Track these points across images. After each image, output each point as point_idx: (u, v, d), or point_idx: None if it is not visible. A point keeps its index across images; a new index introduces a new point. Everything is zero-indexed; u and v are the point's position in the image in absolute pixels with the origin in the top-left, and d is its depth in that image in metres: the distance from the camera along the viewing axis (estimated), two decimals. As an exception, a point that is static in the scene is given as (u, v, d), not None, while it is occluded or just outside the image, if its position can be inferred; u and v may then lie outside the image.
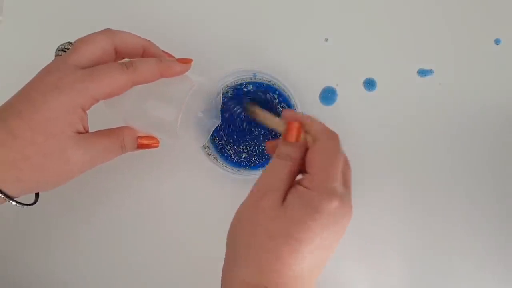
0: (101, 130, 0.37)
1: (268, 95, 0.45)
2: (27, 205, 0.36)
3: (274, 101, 0.45)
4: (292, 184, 0.32)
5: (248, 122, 0.45)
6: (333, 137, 0.33)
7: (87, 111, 0.35)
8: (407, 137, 0.47)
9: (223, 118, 0.46)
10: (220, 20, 0.49)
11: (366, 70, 0.47)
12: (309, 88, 0.48)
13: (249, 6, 0.49)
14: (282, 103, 0.45)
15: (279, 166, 0.32)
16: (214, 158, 0.45)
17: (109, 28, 0.38)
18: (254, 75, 0.45)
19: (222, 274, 0.32)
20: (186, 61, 0.38)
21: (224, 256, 0.33)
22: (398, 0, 0.48)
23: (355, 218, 0.45)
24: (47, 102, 0.33)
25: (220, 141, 0.46)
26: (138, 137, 0.39)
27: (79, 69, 0.35)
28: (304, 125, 0.34)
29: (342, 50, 0.48)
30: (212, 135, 0.46)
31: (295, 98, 0.43)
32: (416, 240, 0.45)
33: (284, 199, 0.31)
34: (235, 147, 0.46)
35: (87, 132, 0.36)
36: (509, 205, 0.45)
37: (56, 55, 0.40)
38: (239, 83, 0.46)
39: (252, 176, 0.43)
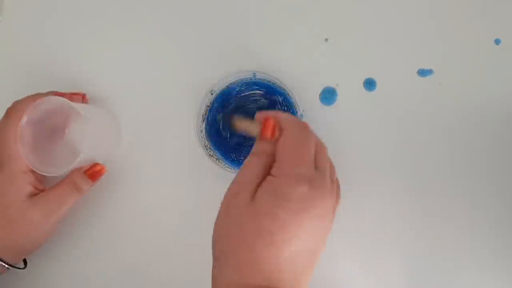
0: (54, 185, 0.42)
1: (268, 95, 0.46)
2: (20, 268, 0.42)
3: (277, 100, 0.45)
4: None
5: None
6: (300, 125, 0.33)
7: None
8: (407, 137, 0.47)
9: (223, 119, 0.46)
10: (220, 20, 0.49)
11: (366, 70, 0.48)
12: (309, 88, 0.48)
13: (249, 6, 0.49)
14: (283, 103, 0.45)
15: (253, 162, 0.32)
16: (216, 158, 0.45)
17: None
18: (254, 75, 0.45)
19: (211, 278, 0.32)
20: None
21: None
22: (398, 0, 0.48)
23: (354, 217, 0.46)
24: None
25: (221, 141, 0.46)
26: (85, 172, 0.43)
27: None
28: (277, 121, 0.33)
29: (342, 50, 0.48)
30: (212, 135, 0.46)
31: (296, 97, 0.43)
32: (416, 239, 0.45)
33: (255, 194, 0.30)
34: (236, 147, 0.46)
35: (42, 190, 0.42)
36: (509, 205, 0.45)
37: None
38: (238, 83, 0.46)
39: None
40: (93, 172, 0.44)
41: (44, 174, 0.40)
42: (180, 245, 0.47)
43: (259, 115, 0.34)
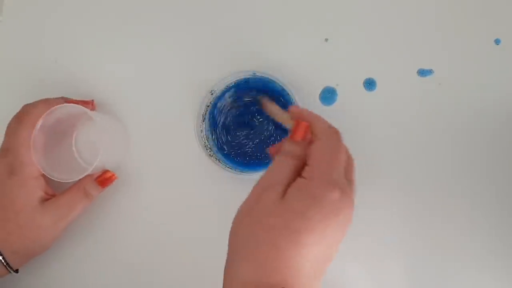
0: (63, 190, 0.43)
1: (268, 95, 0.46)
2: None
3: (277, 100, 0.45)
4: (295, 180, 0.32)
5: (249, 122, 0.45)
6: (335, 132, 0.33)
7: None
8: (407, 137, 0.47)
9: (224, 119, 0.46)
10: (220, 20, 0.49)
11: (366, 70, 0.47)
12: (309, 88, 0.47)
13: (249, 6, 0.49)
14: (283, 103, 0.45)
15: (283, 162, 0.32)
16: (215, 158, 0.45)
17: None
18: (254, 75, 0.45)
19: (223, 275, 0.32)
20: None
21: (226, 255, 0.32)
22: (398, 0, 0.48)
23: (355, 217, 0.46)
24: (4, 187, 0.40)
25: (221, 141, 0.46)
26: (95, 179, 0.44)
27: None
28: (310, 124, 0.34)
29: (342, 50, 0.48)
30: (213, 136, 0.46)
31: (296, 97, 0.43)
32: (415, 239, 0.45)
33: (285, 193, 0.30)
34: (236, 147, 0.46)
35: (52, 195, 0.43)
36: (510, 204, 0.45)
37: None
38: (238, 83, 0.46)
39: (253, 176, 0.43)
40: (103, 179, 0.44)
41: (56, 179, 0.41)
42: (180, 245, 0.47)
43: (294, 110, 0.36)
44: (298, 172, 0.32)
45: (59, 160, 0.44)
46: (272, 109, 0.41)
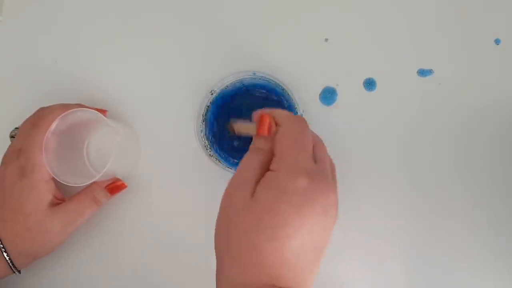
0: (73, 195, 0.43)
1: (268, 95, 0.46)
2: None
3: (278, 100, 0.45)
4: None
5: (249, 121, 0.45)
6: (297, 119, 0.33)
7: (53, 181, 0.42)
8: (407, 137, 0.47)
9: (224, 119, 0.46)
10: (220, 20, 0.49)
11: (366, 70, 0.47)
12: (309, 88, 0.48)
13: (249, 6, 0.49)
14: (283, 103, 0.45)
15: (251, 159, 0.32)
16: (215, 158, 0.45)
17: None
18: (254, 75, 0.45)
19: (215, 278, 0.32)
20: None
21: None
22: (398, 0, 0.48)
23: (355, 217, 0.46)
24: (15, 189, 0.41)
25: (221, 141, 0.46)
26: (106, 186, 0.44)
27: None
28: (273, 117, 0.33)
29: (342, 50, 0.48)
30: (213, 136, 0.46)
31: (296, 98, 0.43)
32: (416, 239, 0.45)
33: (254, 190, 0.30)
34: (236, 147, 0.46)
35: (61, 199, 0.43)
36: (510, 204, 0.45)
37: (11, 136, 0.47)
38: (238, 83, 0.46)
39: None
40: (114, 187, 0.45)
41: (64, 183, 0.41)
42: (180, 245, 0.47)
43: (256, 114, 0.34)
44: (267, 167, 0.31)
45: (69, 165, 0.44)
46: (241, 128, 0.39)
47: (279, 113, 0.33)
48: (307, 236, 0.29)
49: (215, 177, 0.46)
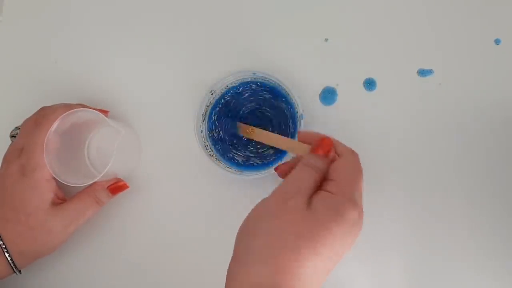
0: (74, 195, 0.43)
1: (268, 95, 0.46)
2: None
3: (278, 99, 0.45)
4: (315, 191, 0.33)
5: (250, 123, 0.45)
6: (356, 154, 0.35)
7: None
8: (407, 137, 0.47)
9: (224, 119, 0.46)
10: (220, 20, 0.49)
11: (366, 70, 0.47)
12: (309, 88, 0.48)
13: (249, 6, 0.49)
14: (283, 103, 0.45)
15: (308, 173, 0.33)
16: (215, 159, 0.45)
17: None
18: (254, 75, 0.45)
19: (228, 272, 0.31)
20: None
21: (227, 256, 0.32)
22: (398, 0, 0.48)
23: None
24: (16, 188, 0.41)
25: (221, 141, 0.46)
26: (108, 186, 0.44)
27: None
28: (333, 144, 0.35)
29: (342, 50, 0.48)
30: (213, 136, 0.46)
31: (296, 98, 0.43)
32: (416, 239, 0.45)
33: (309, 203, 0.31)
34: (236, 147, 0.46)
35: (63, 199, 0.44)
36: (510, 205, 0.45)
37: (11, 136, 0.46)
38: (238, 83, 0.46)
39: (253, 177, 0.43)
40: (116, 187, 0.45)
41: (64, 183, 0.41)
42: (181, 244, 0.47)
43: (307, 133, 0.37)
44: (318, 185, 0.33)
45: (70, 165, 0.44)
46: (261, 135, 0.41)
47: (341, 144, 0.36)
48: (333, 261, 0.31)
49: (216, 177, 0.46)
